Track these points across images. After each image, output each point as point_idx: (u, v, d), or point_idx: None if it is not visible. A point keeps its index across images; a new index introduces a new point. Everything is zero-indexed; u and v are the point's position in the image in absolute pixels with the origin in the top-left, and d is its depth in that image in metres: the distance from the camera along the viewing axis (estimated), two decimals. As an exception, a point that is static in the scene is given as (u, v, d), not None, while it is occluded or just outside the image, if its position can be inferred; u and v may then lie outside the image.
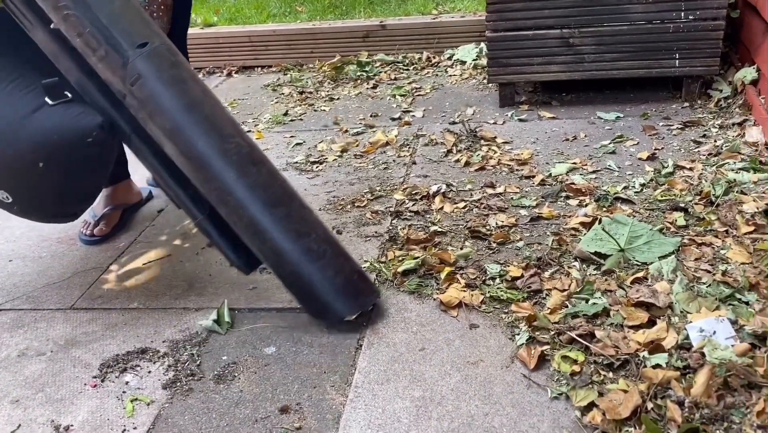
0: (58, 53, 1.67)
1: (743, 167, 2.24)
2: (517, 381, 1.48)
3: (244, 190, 1.61)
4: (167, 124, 1.59)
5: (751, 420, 1.29)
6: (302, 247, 1.65)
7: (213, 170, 1.60)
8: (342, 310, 1.68)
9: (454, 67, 3.77)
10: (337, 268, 1.69)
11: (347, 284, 1.70)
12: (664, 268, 1.74)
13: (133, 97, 1.59)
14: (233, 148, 1.62)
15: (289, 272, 1.67)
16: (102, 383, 1.61)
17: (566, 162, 2.45)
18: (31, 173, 1.67)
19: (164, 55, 1.63)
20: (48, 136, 1.63)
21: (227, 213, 1.65)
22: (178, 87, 1.61)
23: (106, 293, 1.97)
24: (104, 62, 1.59)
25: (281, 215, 1.64)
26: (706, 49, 2.77)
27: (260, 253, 1.69)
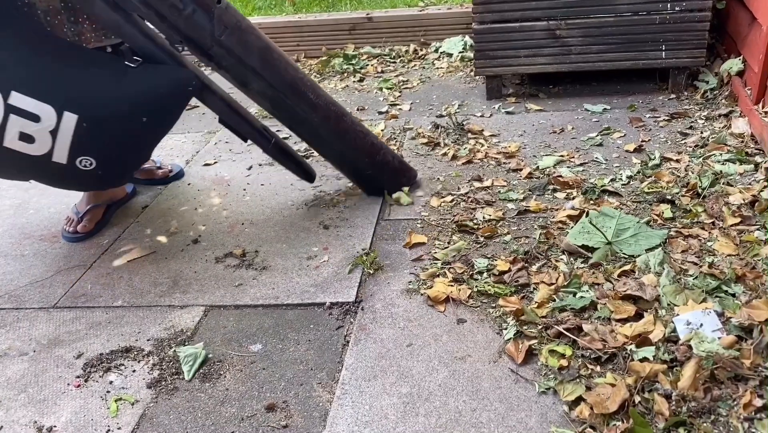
0: (120, 23, 1.82)
1: (729, 159, 2.24)
2: (504, 376, 1.47)
3: (322, 108, 2.05)
4: (256, 64, 1.92)
5: (738, 412, 1.29)
6: (368, 142, 2.16)
7: (297, 96, 2.00)
8: (402, 183, 2.27)
9: (441, 59, 3.74)
10: (392, 154, 2.26)
11: (401, 164, 2.29)
12: (651, 260, 1.74)
13: (220, 47, 1.87)
14: (305, 76, 2.04)
15: (363, 164, 2.19)
16: (85, 383, 1.59)
17: (553, 155, 2.44)
18: (130, 130, 1.80)
19: (234, 8, 1.91)
20: (155, 91, 1.80)
21: (311, 128, 2.09)
22: (255, 32, 1.93)
23: (90, 292, 1.94)
24: (192, 20, 1.82)
25: (350, 122, 2.13)
26: (693, 40, 2.77)
27: (339, 155, 2.20)
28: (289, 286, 1.87)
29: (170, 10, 1.79)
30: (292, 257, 2.00)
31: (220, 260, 2.03)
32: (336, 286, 1.85)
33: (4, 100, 1.68)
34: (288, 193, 2.40)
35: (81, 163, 1.79)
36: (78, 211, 2.26)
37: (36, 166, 1.81)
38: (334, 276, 1.89)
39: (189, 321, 1.77)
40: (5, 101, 1.68)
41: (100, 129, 1.76)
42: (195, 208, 2.36)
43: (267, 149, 2.13)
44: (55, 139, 1.73)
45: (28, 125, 1.71)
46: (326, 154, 2.24)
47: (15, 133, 1.71)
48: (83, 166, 1.79)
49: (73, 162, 1.78)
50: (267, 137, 2.11)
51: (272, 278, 1.91)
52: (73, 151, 1.76)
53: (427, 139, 2.70)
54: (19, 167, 1.85)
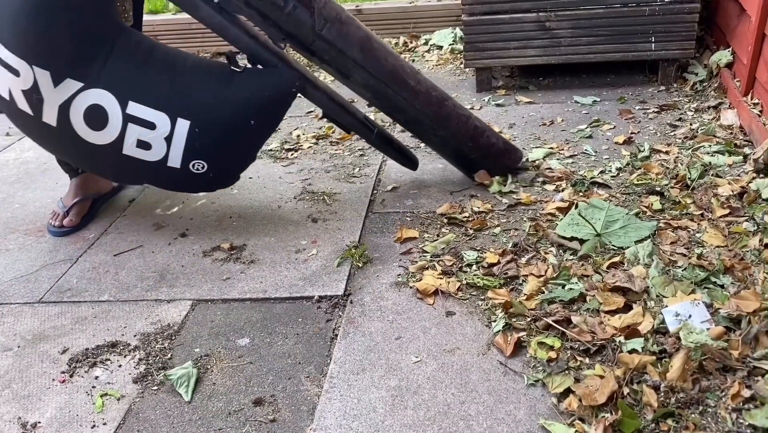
0: (224, 25, 1.85)
1: (718, 150, 2.24)
2: (493, 368, 1.47)
3: (423, 93, 2.03)
4: (357, 55, 1.92)
5: (726, 403, 1.29)
6: (472, 125, 2.13)
7: (399, 83, 1.99)
8: (510, 164, 2.24)
9: (431, 52, 3.73)
10: (496, 135, 2.22)
11: (506, 144, 2.24)
12: (640, 252, 1.73)
13: (322, 41, 1.88)
14: (405, 64, 2.03)
15: (467, 147, 2.16)
16: (71, 379, 1.57)
17: (543, 147, 2.44)
18: (239, 133, 1.86)
19: (333, 2, 1.91)
20: (262, 94, 1.85)
21: (414, 116, 2.07)
22: (354, 23, 1.94)
23: (76, 286, 1.92)
24: (293, 16, 1.83)
25: (451, 106, 2.10)
26: (682, 32, 2.76)
27: (441, 141, 2.17)
28: (277, 279, 1.85)
29: (272, 8, 1.81)
30: (280, 251, 1.99)
31: (208, 253, 2.01)
32: (325, 279, 1.84)
33: (123, 110, 1.77)
34: (276, 186, 2.38)
35: (194, 167, 1.85)
36: (64, 205, 2.24)
37: (152, 171, 1.89)
38: (322, 269, 1.88)
39: (176, 315, 1.75)
40: (123, 111, 1.78)
41: (210, 133, 1.83)
42: (182, 201, 2.34)
43: (371, 140, 2.14)
44: (170, 145, 1.82)
45: (145, 133, 1.80)
46: (429, 141, 2.23)
47: (133, 141, 1.81)
48: (196, 169, 1.86)
49: (186, 166, 1.86)
50: (370, 128, 2.11)
51: (260, 272, 1.90)
52: (186, 155, 1.84)
53: (416, 132, 2.68)
54: (136, 173, 1.93)
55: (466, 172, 2.27)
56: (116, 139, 1.81)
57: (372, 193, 2.26)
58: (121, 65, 1.78)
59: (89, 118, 1.78)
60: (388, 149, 2.21)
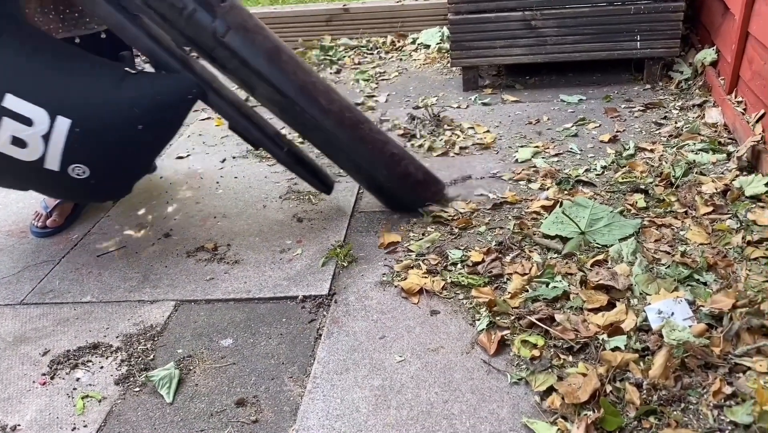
0: (124, 24, 1.75)
1: (702, 148, 2.25)
2: (477, 367, 1.46)
3: (335, 115, 1.85)
4: (261, 67, 1.78)
5: (708, 400, 1.29)
6: (388, 152, 1.95)
7: (307, 102, 1.82)
8: (427, 197, 2.04)
9: (418, 51, 3.72)
10: (415, 165, 2.02)
11: (426, 176, 2.04)
12: (623, 250, 1.74)
13: (224, 48, 1.75)
14: (318, 81, 1.86)
15: (383, 176, 1.96)
16: (52, 381, 1.56)
17: (529, 146, 2.44)
18: (125, 138, 1.74)
19: (241, 7, 1.79)
20: (151, 98, 1.72)
21: (323, 137, 1.90)
22: (263, 33, 1.79)
23: (58, 287, 1.91)
24: (192, 20, 1.71)
25: (366, 130, 1.92)
26: (667, 30, 2.77)
27: (353, 166, 1.98)
28: (261, 279, 1.84)
29: (170, 10, 1.71)
30: (265, 251, 1.98)
31: (192, 254, 2.00)
32: (309, 279, 1.83)
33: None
34: (262, 186, 2.37)
35: (74, 171, 1.73)
36: (47, 205, 2.21)
37: (29, 172, 1.75)
38: (307, 269, 1.87)
39: (159, 316, 1.74)
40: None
41: (93, 136, 1.70)
42: (167, 201, 2.32)
43: (279, 158, 1.99)
44: (47, 145, 1.68)
45: (20, 129, 1.66)
46: (342, 165, 2.05)
47: (8, 137, 1.67)
48: (76, 174, 1.74)
49: (65, 169, 1.73)
50: (280, 145, 1.95)
51: (244, 272, 1.88)
52: (65, 157, 1.70)
53: (403, 131, 2.68)
54: (14, 174, 1.81)
55: (384, 202, 2.10)
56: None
57: (358, 192, 2.25)
58: (4, 57, 1.67)
59: None
60: (299, 170, 2.03)
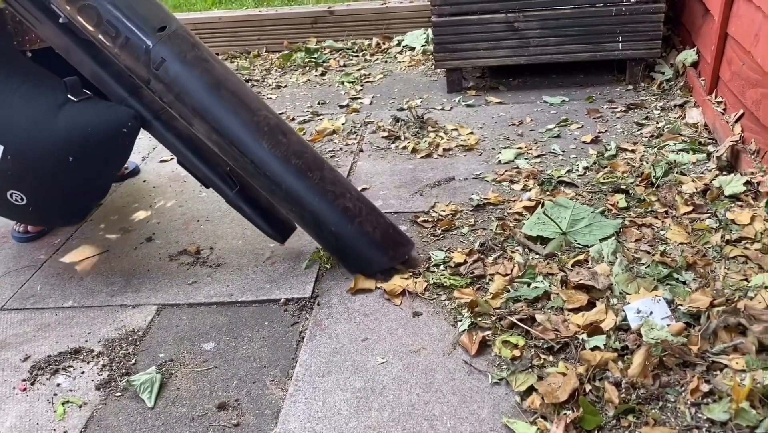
0: (70, 47, 1.67)
1: (683, 148, 2.27)
2: (458, 368, 1.47)
3: (279, 160, 1.67)
4: (196, 103, 1.63)
5: (686, 398, 1.31)
6: (340, 207, 1.72)
7: (247, 144, 1.65)
8: (383, 261, 1.78)
9: (403, 53, 3.73)
10: (374, 223, 1.77)
11: (385, 236, 1.78)
12: (604, 250, 1.75)
13: (158, 81, 1.62)
14: (263, 121, 1.68)
15: (329, 233, 1.74)
16: (32, 386, 1.55)
17: (512, 147, 2.45)
18: (57, 169, 1.67)
19: (184, 36, 1.65)
20: (82, 130, 1.65)
21: (265, 183, 1.70)
22: (202, 66, 1.64)
23: (40, 292, 1.89)
24: (125, 49, 1.60)
25: (316, 180, 1.71)
26: (648, 32, 2.79)
27: (299, 218, 1.76)
28: (244, 283, 1.84)
29: (103, 36, 1.60)
30: (248, 254, 1.98)
31: (174, 257, 1.99)
32: (292, 282, 1.83)
33: None
34: (246, 189, 2.36)
35: (12, 197, 1.72)
36: (29, 210, 2.20)
37: None
38: (290, 272, 1.87)
39: (141, 321, 1.73)
40: None
41: (25, 164, 1.66)
42: (150, 205, 2.31)
43: (228, 198, 1.81)
44: None
45: None
46: (287, 213, 1.80)
47: None
48: (15, 200, 1.72)
49: (4, 194, 1.72)
50: (230, 184, 1.79)
51: (227, 275, 1.88)
52: (1, 183, 1.70)
53: (387, 133, 2.69)
54: None
55: (338, 258, 1.85)
56: None
57: (341, 194, 2.25)
58: None
59: None
60: (250, 214, 1.82)
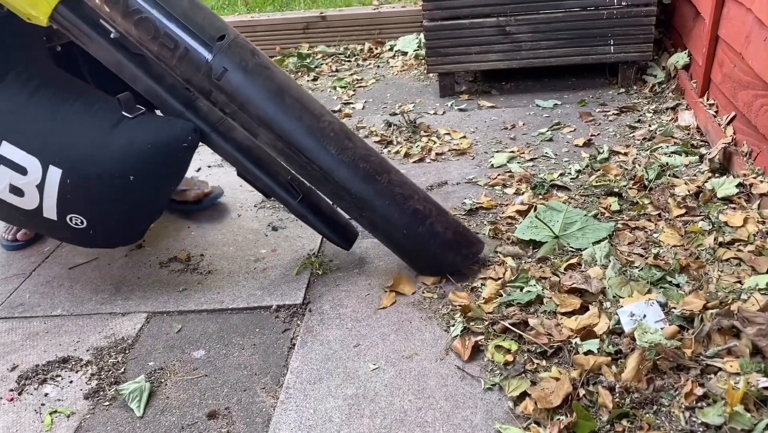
0: (122, 62, 1.62)
1: (675, 151, 2.27)
2: (451, 374, 1.46)
3: (346, 165, 1.64)
4: (261, 112, 1.59)
5: (680, 402, 1.29)
6: (410, 209, 1.68)
7: (313, 151, 1.62)
8: (455, 261, 1.74)
9: (395, 57, 3.73)
10: (445, 223, 1.73)
11: (456, 236, 1.74)
12: (597, 253, 1.74)
13: (220, 92, 1.58)
14: (328, 126, 1.64)
15: (401, 236, 1.71)
16: (19, 396, 1.53)
17: (505, 151, 2.44)
18: (117, 190, 1.61)
19: (243, 44, 1.60)
20: (142, 147, 1.59)
21: (333, 189, 1.67)
22: (264, 74, 1.61)
23: (28, 301, 1.87)
24: (185, 61, 1.55)
25: (385, 182, 1.67)
26: (640, 35, 2.80)
27: (369, 223, 1.72)
28: (234, 290, 1.83)
29: (161, 49, 1.55)
30: (238, 260, 1.96)
31: (165, 264, 1.97)
32: (284, 288, 1.81)
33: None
34: (237, 195, 2.35)
35: (72, 221, 1.65)
36: (18, 218, 2.18)
37: (32, 219, 1.70)
38: (281, 278, 1.86)
39: (130, 329, 1.72)
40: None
41: (84, 186, 1.60)
42: (141, 212, 2.30)
43: (291, 208, 1.78)
44: (42, 195, 1.62)
45: (17, 178, 1.61)
46: (355, 218, 1.78)
47: (6, 185, 1.63)
48: (75, 224, 1.66)
49: (63, 219, 1.65)
50: (293, 194, 1.75)
51: (218, 282, 1.87)
52: (60, 207, 1.63)
53: (379, 138, 2.68)
54: (19, 220, 1.76)
55: (407, 262, 1.82)
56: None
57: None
58: (3, 101, 1.62)
59: None
60: (313, 222, 1.80)
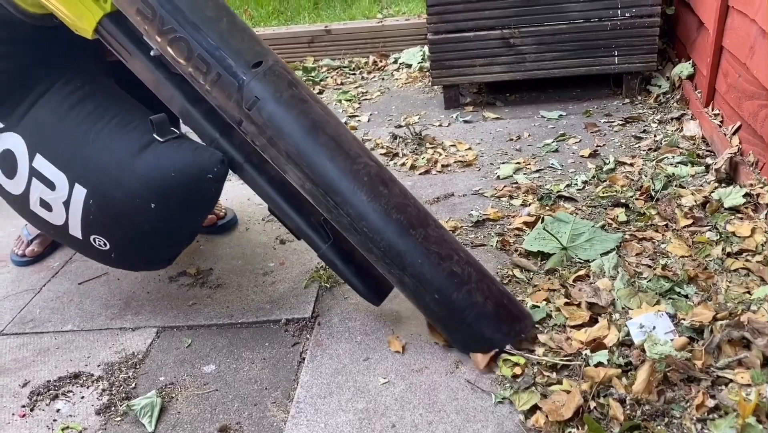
0: (160, 81, 1.55)
1: (681, 161, 2.27)
2: (461, 387, 1.46)
3: (378, 214, 1.47)
4: (291, 148, 1.46)
5: (691, 414, 1.29)
6: (446, 271, 1.48)
7: (344, 194, 1.46)
8: (495, 338, 1.51)
9: (400, 70, 3.75)
10: (486, 292, 1.51)
11: (499, 308, 1.52)
12: (605, 265, 1.74)
13: (250, 122, 1.46)
14: (362, 169, 1.48)
15: (432, 301, 1.50)
16: (31, 412, 1.53)
17: (510, 162, 2.45)
18: (139, 216, 1.55)
19: (280, 73, 1.48)
20: (164, 174, 1.52)
21: (360, 240, 1.50)
22: (300, 107, 1.47)
23: (39, 316, 1.88)
24: (217, 86, 1.45)
25: (420, 237, 1.48)
26: (644, 45, 2.81)
27: (398, 281, 1.53)
28: (244, 303, 1.83)
29: (194, 72, 1.46)
30: (247, 274, 1.97)
31: (174, 279, 1.98)
32: (292, 302, 1.82)
33: (29, 162, 1.58)
34: (245, 208, 2.37)
35: (95, 242, 1.61)
36: (29, 233, 2.20)
37: (59, 235, 1.68)
38: (290, 292, 1.86)
39: (141, 344, 1.72)
40: (30, 163, 1.58)
41: (107, 209, 1.56)
42: (149, 227, 2.31)
43: (319, 252, 1.63)
44: (68, 212, 1.59)
45: (46, 192, 1.59)
46: (385, 274, 1.57)
47: (37, 199, 1.61)
48: (98, 245, 1.62)
49: (87, 238, 1.62)
50: (323, 237, 1.62)
51: (227, 296, 1.87)
52: (84, 227, 1.60)
53: (385, 150, 2.69)
54: (49, 231, 1.73)
55: (440, 330, 1.61)
56: (23, 192, 1.63)
57: (340, 213, 2.25)
58: (43, 112, 1.60)
59: (3, 163, 1.63)
60: (342, 269, 1.63)
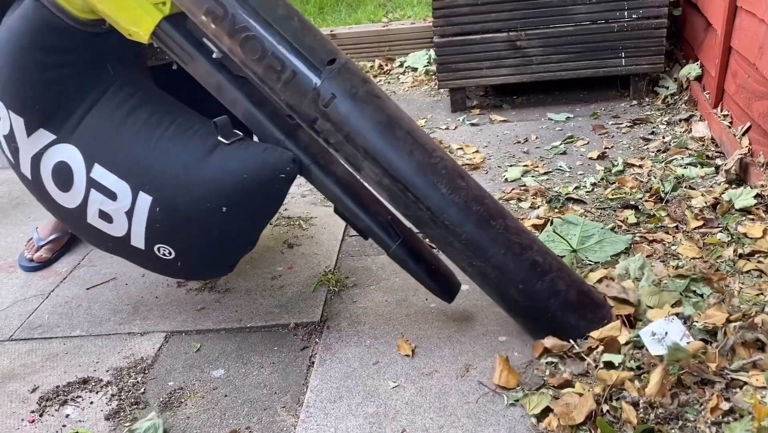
0: (223, 84, 1.52)
1: (691, 162, 2.26)
2: (472, 390, 1.45)
3: (459, 206, 1.46)
4: (368, 144, 1.45)
5: (705, 417, 1.28)
6: (528, 262, 1.48)
7: (423, 188, 1.46)
8: (579, 325, 1.51)
9: (405, 74, 3.75)
10: (567, 280, 1.51)
11: (580, 296, 1.53)
12: (631, 266, 1.71)
13: (326, 120, 1.44)
14: (440, 162, 1.48)
15: (517, 291, 1.50)
16: (40, 418, 1.53)
17: (518, 165, 2.44)
18: (208, 221, 1.51)
19: (354, 70, 1.48)
20: (236, 177, 1.48)
21: (440, 234, 1.50)
22: (375, 103, 1.47)
23: (47, 322, 1.88)
24: (291, 85, 1.43)
25: (500, 228, 1.48)
26: (651, 47, 2.80)
27: (480, 274, 1.53)
28: (252, 308, 1.83)
29: (266, 72, 1.43)
30: (255, 278, 1.96)
31: (182, 283, 1.98)
32: (301, 305, 1.81)
33: (87, 173, 1.54)
34: (252, 213, 2.36)
35: (159, 252, 1.57)
36: (40, 237, 2.20)
37: (120, 247, 1.64)
38: (299, 296, 1.86)
39: (149, 348, 1.72)
40: (88, 174, 1.54)
41: (174, 215, 1.52)
42: (157, 231, 2.31)
43: (389, 252, 1.60)
44: (131, 222, 1.54)
45: (106, 203, 1.55)
46: (463, 268, 1.56)
47: (96, 211, 1.57)
48: (162, 254, 1.58)
49: (151, 249, 1.58)
50: (393, 236, 1.58)
51: (235, 301, 1.87)
52: (149, 236, 1.55)
53: (392, 154, 2.68)
54: (107, 246, 1.69)
55: (520, 323, 1.61)
56: (80, 205, 1.58)
57: (348, 216, 2.24)
58: (99, 121, 1.55)
59: (57, 176, 1.58)
60: (412, 268, 1.60)
